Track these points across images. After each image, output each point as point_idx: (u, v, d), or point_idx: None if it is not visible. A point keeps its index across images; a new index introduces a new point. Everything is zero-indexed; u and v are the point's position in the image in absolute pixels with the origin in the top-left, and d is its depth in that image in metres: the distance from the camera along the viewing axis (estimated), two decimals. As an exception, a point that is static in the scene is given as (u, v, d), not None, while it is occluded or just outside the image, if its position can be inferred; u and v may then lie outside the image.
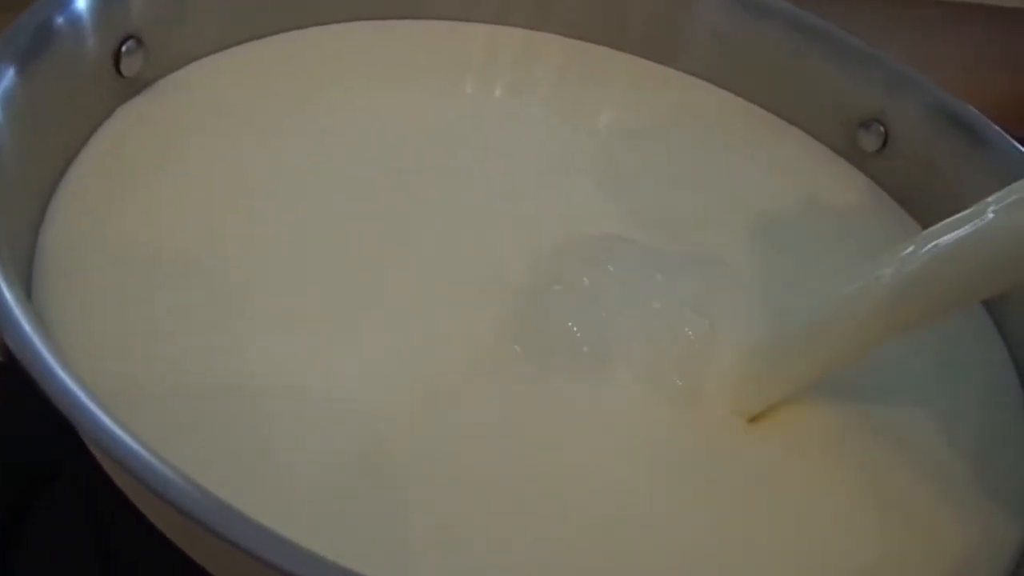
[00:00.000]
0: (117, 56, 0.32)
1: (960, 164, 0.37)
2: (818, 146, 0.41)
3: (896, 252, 0.26)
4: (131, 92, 0.33)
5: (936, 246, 0.25)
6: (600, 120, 0.40)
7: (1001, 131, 0.36)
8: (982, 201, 0.25)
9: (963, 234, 0.25)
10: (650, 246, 0.32)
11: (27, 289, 0.27)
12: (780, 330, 0.29)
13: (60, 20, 0.30)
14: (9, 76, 0.28)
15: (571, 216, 0.33)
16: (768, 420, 0.29)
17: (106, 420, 0.21)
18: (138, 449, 0.20)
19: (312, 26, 0.38)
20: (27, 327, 0.22)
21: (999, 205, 0.25)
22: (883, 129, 0.39)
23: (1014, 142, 0.36)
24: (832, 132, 0.40)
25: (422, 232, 0.31)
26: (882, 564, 0.27)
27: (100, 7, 0.31)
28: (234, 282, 0.28)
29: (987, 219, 0.25)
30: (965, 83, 0.41)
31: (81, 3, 0.30)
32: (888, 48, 0.40)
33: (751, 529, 0.26)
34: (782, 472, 0.28)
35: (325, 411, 0.26)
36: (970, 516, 0.28)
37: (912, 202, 0.39)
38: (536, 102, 0.40)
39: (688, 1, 0.41)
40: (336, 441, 0.25)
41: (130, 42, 0.32)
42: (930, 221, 0.27)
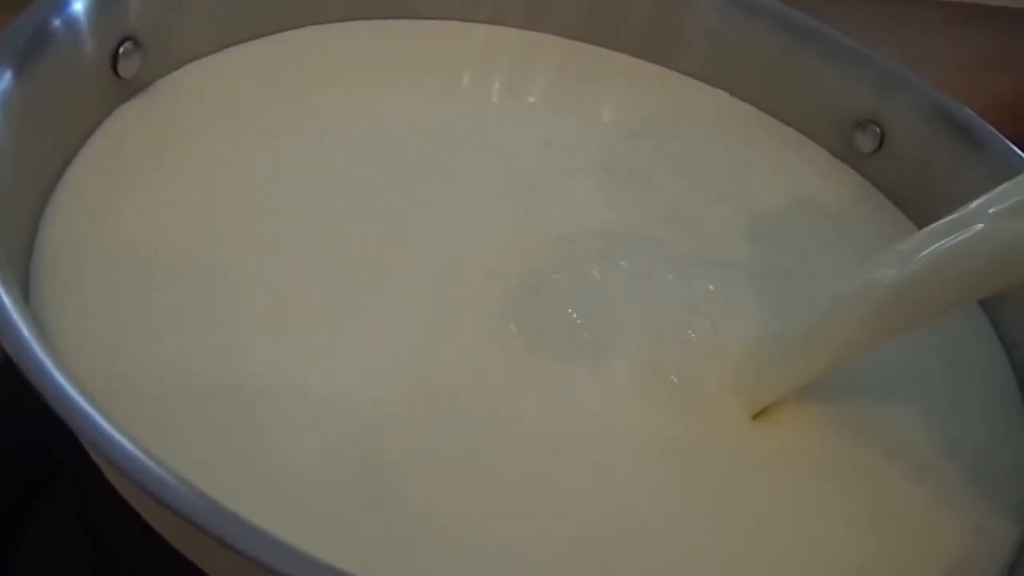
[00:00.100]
0: (115, 58, 0.32)
1: (955, 165, 0.37)
2: (814, 147, 0.41)
3: (896, 251, 0.26)
4: (129, 93, 0.33)
5: (936, 246, 0.25)
6: (598, 120, 0.40)
7: (996, 132, 0.37)
8: (981, 199, 0.25)
9: (964, 234, 0.25)
10: (661, 245, 0.32)
11: (25, 289, 0.27)
12: (780, 330, 0.29)
13: (57, 22, 0.30)
14: (7, 77, 0.28)
15: (570, 215, 0.33)
16: (767, 419, 0.29)
17: (104, 425, 0.20)
18: (136, 453, 0.20)
19: (310, 26, 0.38)
20: (24, 332, 0.22)
21: (1000, 205, 0.25)
22: (879, 130, 0.39)
23: (1009, 143, 0.36)
24: (828, 133, 0.40)
25: (421, 232, 0.31)
26: (880, 563, 0.27)
27: (97, 9, 0.31)
28: (233, 282, 0.28)
29: (987, 219, 0.25)
30: (960, 84, 0.41)
31: (79, 5, 0.30)
32: (883, 48, 0.40)
33: (750, 528, 0.27)
34: (781, 472, 0.28)
35: (324, 411, 0.26)
36: (968, 516, 0.28)
37: (907, 202, 0.39)
38: (534, 102, 0.40)
39: (684, 1, 0.41)
40: (335, 441, 0.25)
41: (127, 44, 0.32)
42: (925, 221, 0.27)
